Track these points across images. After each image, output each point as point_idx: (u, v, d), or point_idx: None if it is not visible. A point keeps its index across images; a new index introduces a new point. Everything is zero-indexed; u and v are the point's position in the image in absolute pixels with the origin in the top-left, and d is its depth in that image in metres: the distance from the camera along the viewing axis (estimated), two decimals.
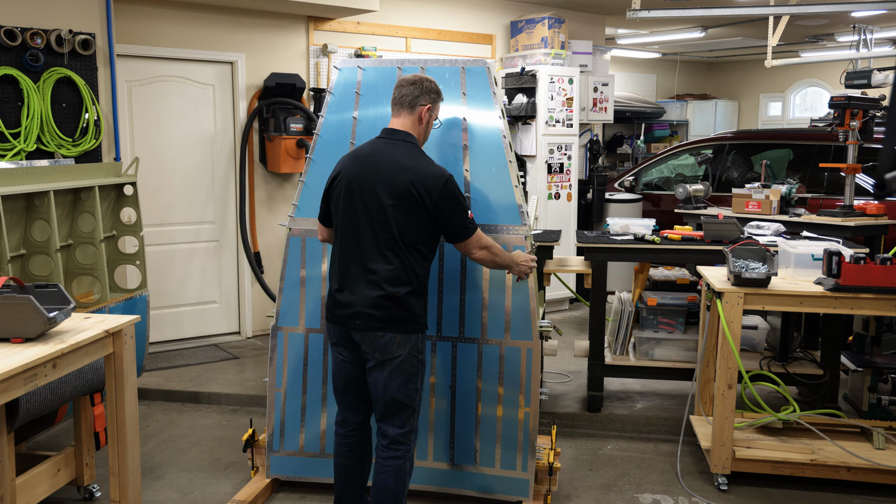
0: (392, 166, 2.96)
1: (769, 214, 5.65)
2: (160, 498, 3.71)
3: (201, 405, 4.97)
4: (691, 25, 9.71)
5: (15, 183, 3.82)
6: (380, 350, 2.95)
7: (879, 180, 3.14)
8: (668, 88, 14.06)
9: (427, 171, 2.96)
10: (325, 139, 3.65)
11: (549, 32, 7.07)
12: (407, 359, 2.98)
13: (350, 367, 3.07)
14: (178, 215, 5.97)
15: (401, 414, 3.01)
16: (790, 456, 3.77)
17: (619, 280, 6.93)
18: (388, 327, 2.94)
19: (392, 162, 2.98)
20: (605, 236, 4.81)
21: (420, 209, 2.92)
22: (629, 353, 4.90)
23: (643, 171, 7.96)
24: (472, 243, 3.04)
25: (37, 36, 4.62)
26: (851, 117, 5.25)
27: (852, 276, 3.55)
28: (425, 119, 3.10)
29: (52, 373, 2.66)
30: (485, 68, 3.57)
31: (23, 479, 3.16)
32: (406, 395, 3.00)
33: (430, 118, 3.13)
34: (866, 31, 8.87)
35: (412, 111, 3.07)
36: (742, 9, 6.40)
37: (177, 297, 6.01)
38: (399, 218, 2.92)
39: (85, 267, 4.36)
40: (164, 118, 5.82)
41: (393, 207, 2.92)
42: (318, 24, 6.37)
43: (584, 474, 3.99)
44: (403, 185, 2.92)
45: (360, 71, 3.68)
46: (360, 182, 2.99)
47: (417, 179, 2.92)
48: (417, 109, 3.07)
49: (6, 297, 2.70)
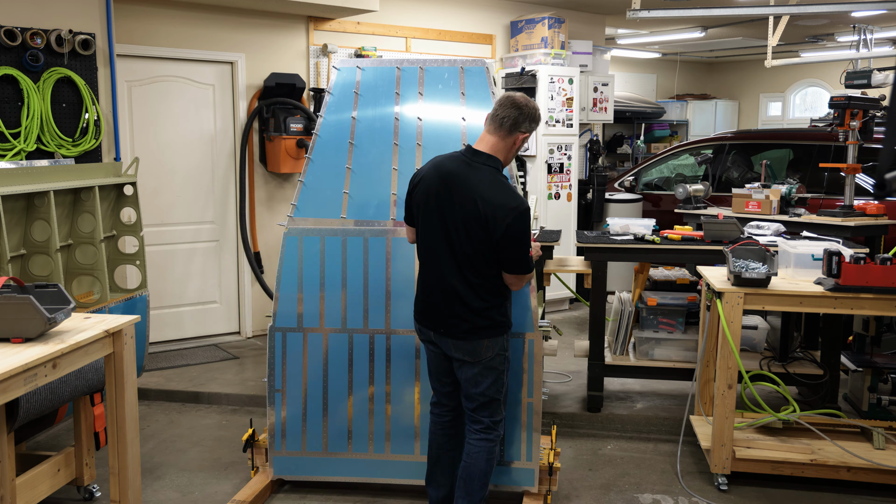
0: (471, 191, 2.92)
1: (769, 214, 5.65)
2: (160, 498, 3.71)
3: (201, 405, 4.97)
4: (691, 25, 9.71)
5: (15, 183, 3.82)
6: (469, 354, 3.04)
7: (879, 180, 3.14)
8: (668, 88, 14.06)
9: (501, 201, 2.89)
10: (325, 139, 3.65)
11: (549, 32, 7.07)
12: (494, 358, 3.07)
13: (440, 357, 3.19)
14: (178, 215, 5.97)
15: (491, 406, 3.13)
16: (790, 456, 3.77)
17: (619, 280, 6.93)
18: (472, 335, 3.01)
19: (471, 187, 2.92)
20: (605, 236, 4.81)
21: (486, 239, 2.91)
22: (629, 353, 4.90)
23: (643, 171, 7.96)
24: (524, 280, 3.04)
25: (37, 36, 4.63)
26: (851, 117, 5.25)
27: (852, 276, 3.55)
28: (518, 147, 3.03)
29: (52, 373, 2.66)
30: (483, 68, 3.58)
31: (23, 479, 3.16)
32: (495, 390, 3.11)
33: (524, 145, 3.08)
34: (866, 31, 8.87)
35: (509, 135, 2.97)
36: (742, 9, 6.40)
37: (177, 297, 6.01)
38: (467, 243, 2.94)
39: (85, 267, 4.36)
40: (164, 118, 5.82)
41: (465, 232, 2.93)
42: (318, 24, 6.37)
43: (584, 474, 3.99)
44: (474, 215, 2.90)
45: (360, 71, 3.68)
46: (437, 199, 2.99)
47: (490, 210, 2.88)
48: (514, 135, 2.98)
49: (6, 297, 2.70)
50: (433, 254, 3.05)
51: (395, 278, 3.56)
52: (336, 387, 3.63)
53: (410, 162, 3.57)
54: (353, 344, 3.61)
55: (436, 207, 2.99)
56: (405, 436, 3.61)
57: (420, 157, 3.56)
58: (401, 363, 3.59)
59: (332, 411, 3.64)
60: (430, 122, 3.58)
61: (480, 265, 2.97)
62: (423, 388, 3.57)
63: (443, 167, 3.02)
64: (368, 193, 3.60)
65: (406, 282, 3.55)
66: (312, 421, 3.66)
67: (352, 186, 3.60)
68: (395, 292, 3.56)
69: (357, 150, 3.61)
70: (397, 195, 3.57)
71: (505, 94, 3.02)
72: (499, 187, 2.93)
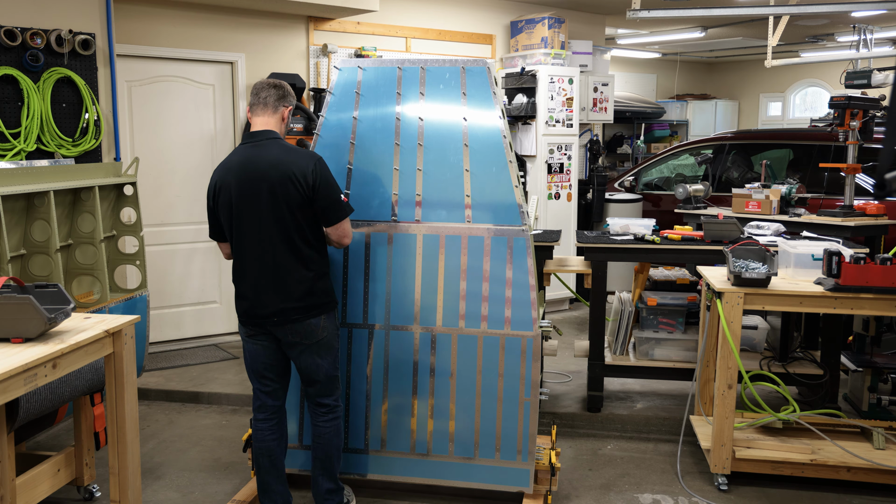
0: (269, 165, 3.08)
1: (769, 214, 5.65)
2: (160, 498, 3.71)
3: (201, 405, 4.97)
4: (691, 25, 9.71)
5: (15, 183, 3.82)
6: (306, 335, 3.16)
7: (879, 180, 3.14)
8: (668, 88, 14.07)
9: (299, 158, 3.09)
10: (325, 139, 3.65)
11: (549, 32, 7.07)
12: (330, 337, 3.24)
13: (267, 351, 3.24)
14: (178, 215, 5.97)
15: (333, 383, 3.30)
16: (790, 456, 3.77)
17: (619, 280, 6.93)
18: (308, 314, 3.13)
19: (266, 161, 3.09)
20: (605, 236, 4.81)
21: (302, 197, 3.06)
22: (629, 353, 4.90)
23: (643, 171, 7.96)
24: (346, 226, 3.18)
25: (37, 36, 4.62)
26: (851, 117, 5.25)
27: (852, 276, 3.55)
28: (287, 119, 3.27)
29: (52, 373, 2.65)
30: (485, 68, 3.58)
31: (23, 479, 3.16)
32: (334, 367, 3.29)
33: (290, 118, 3.30)
34: (866, 31, 8.87)
35: (275, 112, 3.21)
36: (742, 9, 6.40)
37: (177, 297, 6.01)
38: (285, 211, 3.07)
39: (85, 267, 4.36)
40: (164, 118, 5.82)
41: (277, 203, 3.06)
42: (318, 24, 6.37)
43: (584, 474, 3.99)
44: (283, 179, 3.05)
45: (361, 71, 3.68)
46: (246, 189, 3.10)
47: (295, 168, 3.06)
48: (280, 110, 3.23)
49: (6, 297, 2.70)
50: (252, 247, 3.12)
51: (396, 276, 3.57)
52: None
53: (412, 162, 3.57)
54: (353, 339, 3.61)
55: (243, 200, 3.10)
56: (402, 432, 3.61)
57: (421, 157, 3.56)
58: (399, 359, 3.59)
59: None
60: (431, 122, 3.58)
61: (304, 232, 3.10)
62: (421, 384, 3.57)
63: (231, 164, 3.16)
64: (370, 193, 3.60)
65: (406, 279, 3.56)
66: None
67: (353, 186, 3.61)
68: (395, 290, 3.57)
69: (358, 149, 3.61)
70: (399, 195, 3.58)
71: (256, 83, 3.28)
72: (290, 150, 3.14)
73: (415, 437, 3.60)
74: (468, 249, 3.52)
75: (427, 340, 3.56)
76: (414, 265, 3.55)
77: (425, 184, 3.56)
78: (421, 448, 3.60)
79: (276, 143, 3.15)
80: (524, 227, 3.47)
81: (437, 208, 3.55)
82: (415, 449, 3.61)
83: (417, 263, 3.56)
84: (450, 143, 3.54)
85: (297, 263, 3.10)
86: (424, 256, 3.55)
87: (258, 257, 3.11)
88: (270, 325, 3.15)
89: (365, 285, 3.59)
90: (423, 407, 3.58)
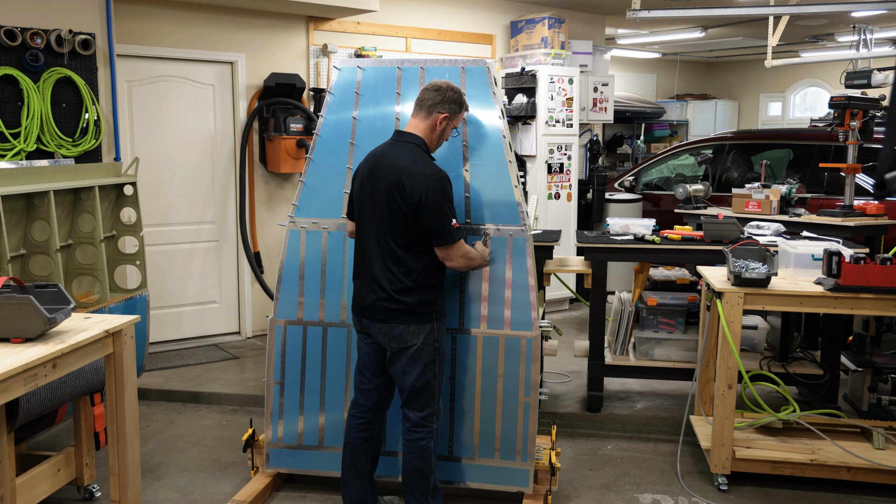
0: (391, 166, 3.07)
1: (769, 214, 5.65)
2: (160, 498, 3.71)
3: (201, 405, 4.97)
4: (691, 25, 9.71)
5: (15, 183, 3.82)
6: (395, 339, 3.11)
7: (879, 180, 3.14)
8: (668, 88, 14.06)
9: (417, 170, 3.03)
10: (325, 139, 3.66)
11: (549, 32, 7.07)
12: (423, 347, 3.13)
13: (370, 349, 3.24)
14: (178, 215, 5.97)
15: (421, 397, 3.18)
16: (790, 456, 3.77)
17: (619, 280, 6.93)
18: (397, 319, 3.08)
19: (392, 162, 3.09)
20: (605, 236, 4.81)
21: (406, 208, 3.01)
22: (629, 353, 4.90)
23: (643, 171, 7.96)
24: (453, 252, 3.09)
25: (37, 36, 4.62)
26: (851, 117, 5.25)
27: (852, 276, 3.55)
28: (440, 128, 3.18)
29: (52, 373, 2.66)
30: (485, 68, 3.58)
31: (23, 479, 3.16)
32: (424, 381, 3.15)
33: (447, 127, 3.20)
34: (866, 31, 8.86)
35: (428, 116, 3.15)
36: (742, 9, 6.40)
37: (177, 297, 6.01)
38: (389, 214, 3.05)
39: (85, 267, 4.36)
40: (164, 118, 5.82)
41: (387, 203, 3.05)
42: (318, 24, 6.37)
43: (584, 474, 3.99)
44: (395, 184, 3.02)
45: (360, 71, 3.68)
46: (368, 182, 3.14)
47: (406, 177, 3.01)
48: (434, 116, 3.15)
49: (6, 297, 2.70)
50: (364, 237, 3.16)
51: None
52: (333, 381, 3.64)
53: None
54: (352, 338, 3.61)
55: (368, 189, 3.14)
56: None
57: None
58: None
59: (328, 406, 3.65)
60: None
61: (405, 239, 3.05)
62: None
63: (372, 154, 3.22)
64: None
65: None
66: (309, 415, 3.67)
67: None
68: None
69: (358, 150, 3.61)
70: None
71: (431, 81, 3.22)
72: (419, 159, 3.09)
73: None
74: None
75: None
76: None
77: None
78: None
79: (411, 148, 3.11)
80: (524, 226, 3.47)
81: None
82: None
83: None
84: (449, 143, 3.54)
85: (396, 266, 3.07)
86: None
87: (367, 250, 3.14)
88: (366, 321, 3.16)
89: None
90: None
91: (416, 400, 3.18)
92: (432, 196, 2.99)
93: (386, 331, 3.12)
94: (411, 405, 3.20)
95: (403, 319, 3.09)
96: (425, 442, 3.19)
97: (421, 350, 3.13)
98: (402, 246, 3.07)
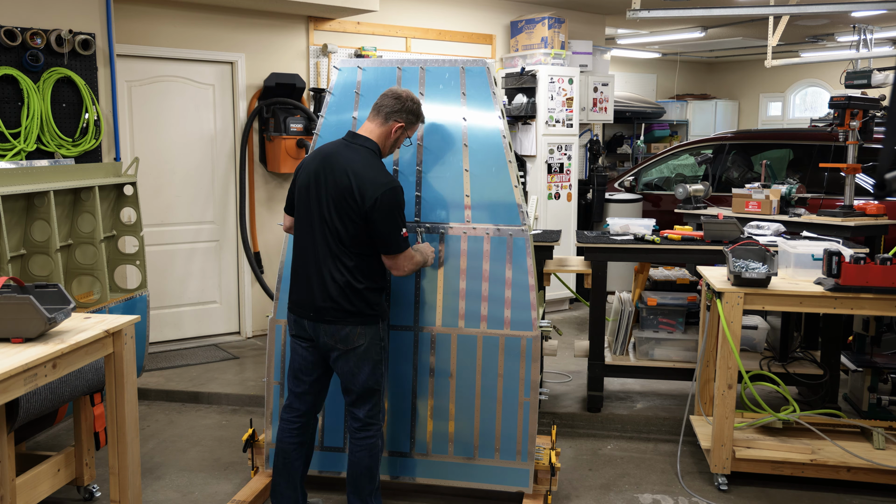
0: (343, 168, 3.04)
1: (769, 214, 5.65)
2: (160, 498, 3.71)
3: (201, 405, 4.97)
4: (691, 25, 9.71)
5: (15, 183, 3.82)
6: (342, 341, 3.08)
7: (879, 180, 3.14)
8: (668, 88, 14.06)
9: (372, 176, 3.01)
10: (325, 139, 3.65)
11: (549, 32, 7.07)
12: (369, 348, 3.13)
13: (307, 351, 3.21)
14: (178, 215, 5.97)
15: (370, 398, 3.19)
16: (790, 456, 3.77)
17: (619, 280, 6.93)
18: (345, 320, 3.06)
19: (345, 164, 3.05)
20: (605, 236, 4.81)
21: (355, 214, 3.00)
22: (629, 353, 4.90)
23: (643, 171, 7.96)
24: (400, 261, 3.08)
25: (37, 36, 4.62)
26: (851, 117, 5.25)
27: (852, 276, 3.55)
28: (394, 136, 3.18)
29: (52, 373, 2.66)
30: (484, 68, 3.58)
31: (23, 479, 3.16)
32: (374, 381, 3.17)
33: (401, 136, 3.21)
34: (866, 31, 8.87)
35: (385, 123, 3.15)
36: (742, 9, 6.40)
37: (177, 297, 6.01)
38: (338, 219, 3.02)
39: (85, 267, 4.36)
40: (164, 118, 5.82)
41: (336, 207, 3.02)
42: (318, 24, 6.37)
43: (584, 474, 3.99)
44: (346, 189, 3.00)
45: (360, 71, 3.68)
46: (315, 179, 3.09)
47: (359, 183, 2.99)
48: (390, 123, 3.15)
49: (6, 297, 2.70)
50: (308, 236, 3.11)
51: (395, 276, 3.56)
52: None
53: (411, 162, 3.57)
54: None
55: (314, 187, 3.09)
56: (401, 432, 3.61)
57: (421, 157, 3.56)
58: (398, 359, 3.59)
59: (328, 406, 3.64)
60: (431, 122, 3.58)
61: (352, 242, 3.03)
62: (420, 383, 3.57)
63: (323, 150, 3.17)
64: None
65: (405, 279, 3.55)
66: None
67: None
68: (395, 290, 3.57)
69: None
70: None
71: (391, 88, 3.21)
72: (373, 164, 3.07)
73: (414, 438, 3.60)
74: (467, 249, 3.52)
75: (426, 340, 3.56)
76: None
77: (425, 184, 3.56)
78: (420, 448, 3.60)
79: (365, 152, 3.08)
80: (524, 227, 3.47)
81: (437, 208, 3.55)
82: (414, 449, 3.60)
83: None
84: (449, 143, 3.54)
85: (342, 268, 3.04)
86: None
87: (310, 249, 3.10)
88: (308, 324, 3.13)
89: None
90: (423, 407, 3.58)
91: (366, 400, 3.18)
92: (385, 206, 2.97)
93: (333, 332, 3.08)
94: (361, 405, 3.18)
95: (351, 321, 3.06)
96: (373, 440, 3.21)
97: (368, 350, 3.12)
98: (348, 248, 3.04)
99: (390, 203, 2.99)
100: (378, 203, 2.96)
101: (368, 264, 3.09)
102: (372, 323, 3.12)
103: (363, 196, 2.97)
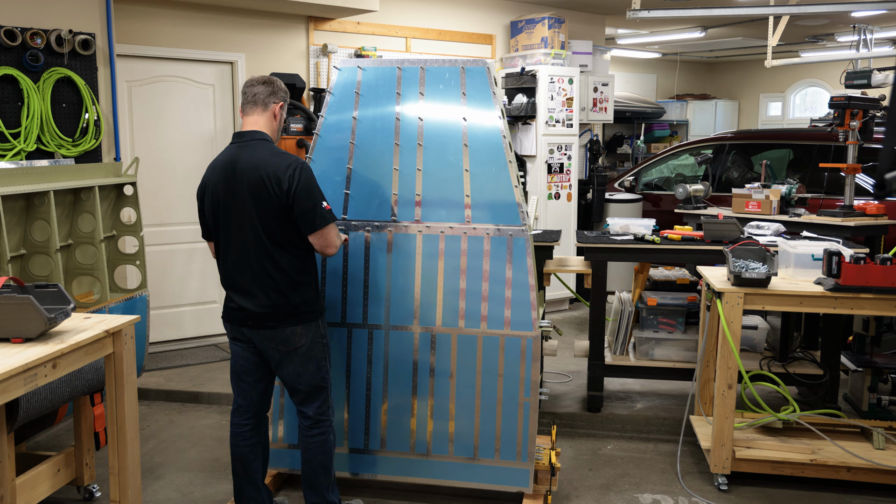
0: (249, 167, 3.01)
1: (769, 214, 5.65)
2: (160, 498, 3.71)
3: (201, 405, 4.97)
4: (691, 25, 9.71)
5: (15, 183, 3.82)
6: (282, 343, 3.08)
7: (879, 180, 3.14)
8: (668, 88, 14.07)
9: (279, 161, 2.99)
10: (325, 139, 3.65)
11: (549, 32, 7.07)
12: (312, 346, 3.13)
13: (247, 353, 3.18)
14: (178, 215, 5.97)
15: (318, 395, 3.20)
16: (790, 456, 3.77)
17: (619, 280, 6.93)
18: (283, 322, 3.05)
19: (249, 162, 3.02)
20: (605, 236, 4.81)
21: (277, 204, 2.98)
22: (629, 353, 4.90)
23: (643, 171, 7.96)
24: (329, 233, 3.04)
25: (37, 36, 4.62)
26: (851, 117, 5.25)
27: (852, 276, 3.55)
28: (280, 116, 3.18)
29: (52, 373, 2.65)
30: (485, 68, 3.58)
31: (23, 479, 3.16)
32: (319, 378, 3.18)
33: (283, 115, 3.21)
34: (866, 31, 8.87)
35: (266, 109, 3.13)
36: (742, 9, 6.40)
37: (177, 297, 6.01)
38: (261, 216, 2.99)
39: (85, 267, 4.36)
40: (164, 118, 5.82)
41: (255, 207, 2.99)
42: (318, 24, 6.37)
43: (584, 474, 3.99)
44: (260, 184, 2.97)
45: (360, 71, 3.68)
46: (225, 192, 3.05)
47: (271, 171, 2.97)
48: (271, 107, 3.14)
49: (6, 297, 2.70)
50: (236, 248, 3.07)
51: (395, 276, 3.57)
52: (334, 381, 3.64)
53: (412, 162, 3.57)
54: (352, 339, 3.61)
55: (227, 199, 3.05)
56: (402, 433, 3.61)
57: (421, 157, 3.56)
58: (399, 359, 3.59)
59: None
60: (431, 122, 3.58)
61: (277, 234, 3.00)
62: (421, 384, 3.57)
63: (219, 163, 3.11)
64: (369, 193, 3.60)
65: (406, 279, 3.56)
66: None
67: (353, 186, 3.61)
68: (395, 290, 3.57)
69: (358, 150, 3.61)
70: (398, 195, 3.58)
71: (247, 80, 3.18)
72: (274, 152, 3.04)
73: (414, 438, 3.60)
74: (468, 249, 3.52)
75: (427, 340, 3.56)
76: (413, 265, 3.55)
77: (425, 184, 3.56)
78: (421, 448, 3.60)
79: (262, 145, 3.06)
80: (524, 226, 3.47)
81: (437, 208, 3.55)
82: (415, 449, 3.61)
83: (417, 263, 3.56)
84: (449, 143, 3.54)
85: (275, 269, 3.02)
86: (424, 256, 3.55)
87: (238, 260, 3.07)
88: (247, 330, 3.11)
89: (364, 285, 3.59)
90: (423, 407, 3.58)
91: (315, 397, 3.19)
92: (303, 181, 2.96)
93: (272, 336, 3.06)
94: (309, 403, 3.19)
95: (290, 322, 3.05)
96: (325, 436, 3.22)
97: (311, 349, 3.13)
98: (277, 243, 3.00)
99: (307, 178, 2.99)
100: (294, 181, 2.95)
101: (299, 259, 3.08)
102: (311, 320, 3.12)
103: (279, 181, 2.95)
